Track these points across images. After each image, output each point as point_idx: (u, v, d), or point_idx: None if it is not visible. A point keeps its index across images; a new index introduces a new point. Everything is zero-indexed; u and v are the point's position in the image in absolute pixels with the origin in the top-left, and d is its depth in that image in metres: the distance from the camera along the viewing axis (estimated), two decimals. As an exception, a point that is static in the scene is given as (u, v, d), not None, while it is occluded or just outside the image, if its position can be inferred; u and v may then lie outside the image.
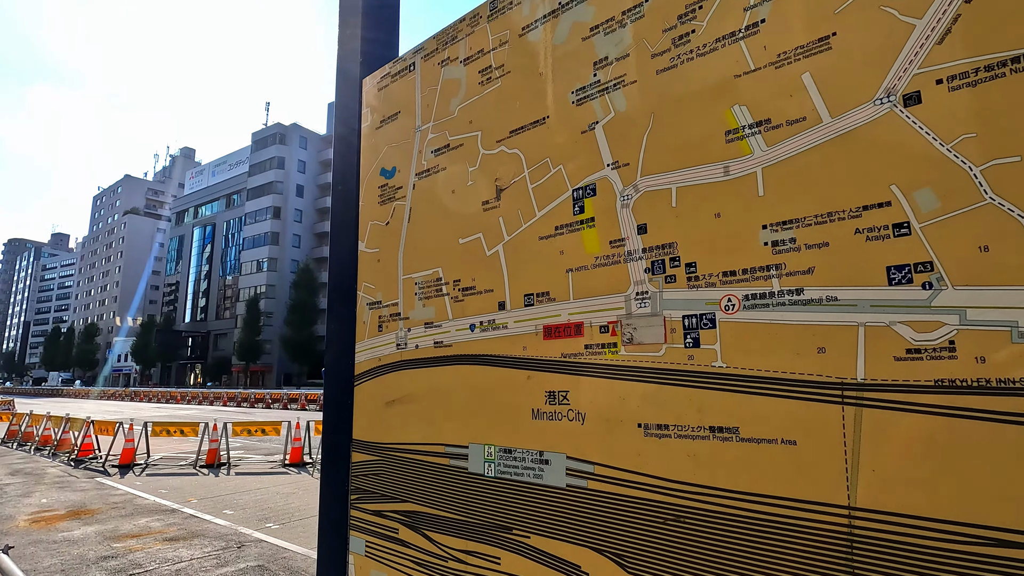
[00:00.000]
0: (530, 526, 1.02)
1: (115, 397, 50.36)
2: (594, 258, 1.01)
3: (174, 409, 34.67)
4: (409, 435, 1.27)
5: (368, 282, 1.46)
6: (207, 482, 10.51)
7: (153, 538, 7.05)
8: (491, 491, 1.09)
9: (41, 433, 14.84)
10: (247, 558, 6.32)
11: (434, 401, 1.23)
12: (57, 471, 11.63)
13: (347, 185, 1.57)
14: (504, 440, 1.08)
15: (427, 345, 1.27)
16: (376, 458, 1.33)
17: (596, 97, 1.05)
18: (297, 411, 28.86)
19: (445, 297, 1.26)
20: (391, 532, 1.26)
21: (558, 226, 1.07)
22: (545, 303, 1.06)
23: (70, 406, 34.70)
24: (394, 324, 1.36)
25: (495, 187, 1.20)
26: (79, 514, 8.28)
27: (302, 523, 7.77)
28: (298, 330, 60.24)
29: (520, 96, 1.19)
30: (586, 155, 1.05)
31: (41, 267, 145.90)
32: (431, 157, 1.36)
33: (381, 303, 1.41)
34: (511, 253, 1.14)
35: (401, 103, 1.47)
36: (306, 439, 12.56)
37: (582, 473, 0.96)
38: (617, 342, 0.95)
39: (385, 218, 1.45)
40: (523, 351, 1.08)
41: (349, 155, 1.59)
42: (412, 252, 1.36)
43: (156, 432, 12.81)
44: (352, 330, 1.47)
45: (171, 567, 6.00)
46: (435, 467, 1.20)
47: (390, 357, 1.35)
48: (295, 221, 76.10)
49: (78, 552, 6.50)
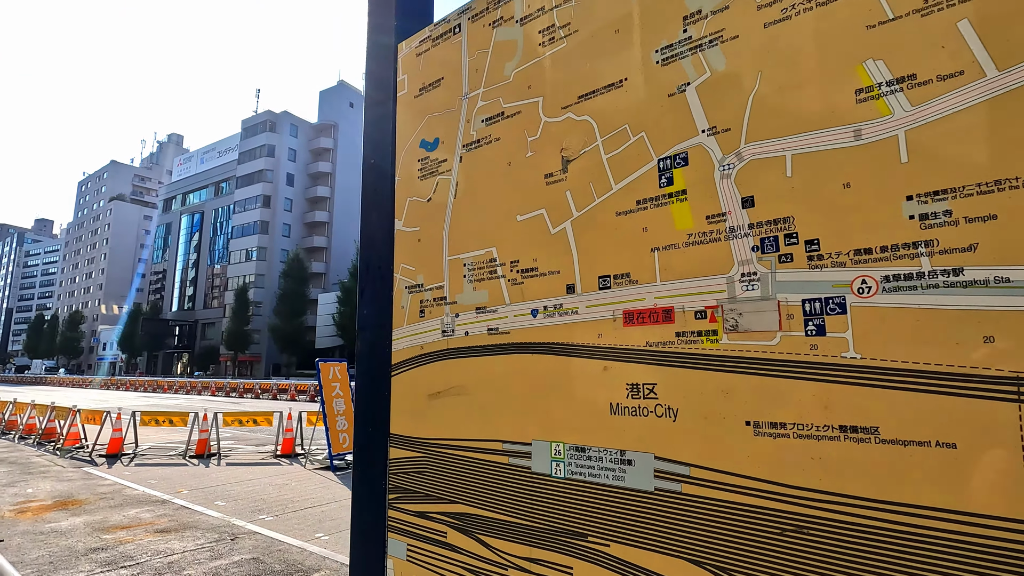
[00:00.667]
0: (609, 533, 0.91)
1: (100, 386, 49.66)
2: (686, 235, 0.90)
3: (160, 398, 34.24)
4: (458, 430, 1.16)
5: (407, 263, 1.34)
6: (197, 472, 10.34)
7: (144, 529, 6.90)
8: (560, 493, 0.98)
9: (25, 422, 14.52)
10: (241, 550, 6.20)
11: (488, 393, 1.12)
12: (43, 460, 11.38)
13: (381, 159, 1.45)
14: (576, 437, 0.98)
15: (479, 332, 1.16)
16: (419, 454, 1.22)
17: (687, 56, 0.94)
18: (287, 401, 28.62)
19: (501, 280, 1.14)
20: (437, 535, 1.15)
21: (640, 200, 0.96)
22: (625, 286, 0.95)
23: (54, 394, 34.15)
24: (439, 309, 1.25)
25: (561, 158, 1.08)
26: (66, 505, 8.09)
27: (296, 515, 7.65)
28: (287, 320, 59.71)
29: (590, 57, 1.07)
30: (674, 121, 0.94)
31: (24, 253, 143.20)
32: (481, 127, 1.24)
33: (423, 286, 1.29)
34: (581, 231, 1.03)
35: (445, 69, 1.34)
36: (298, 430, 12.41)
37: (675, 476, 0.86)
38: (717, 329, 0.84)
39: (426, 194, 1.33)
40: (598, 339, 0.97)
41: (383, 127, 1.46)
42: (460, 231, 1.24)
43: (145, 422, 12.59)
44: (388, 316, 1.35)
45: (163, 559, 5.86)
46: (490, 465, 1.09)
47: (434, 345, 1.24)
48: (285, 210, 75.23)
49: (66, 544, 6.33)
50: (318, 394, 31.98)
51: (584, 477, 0.96)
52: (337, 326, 54.12)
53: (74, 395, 35.74)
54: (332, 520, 7.35)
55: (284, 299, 60.59)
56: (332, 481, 9.74)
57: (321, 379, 11.02)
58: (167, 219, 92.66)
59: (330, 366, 11.40)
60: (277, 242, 73.63)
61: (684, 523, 0.84)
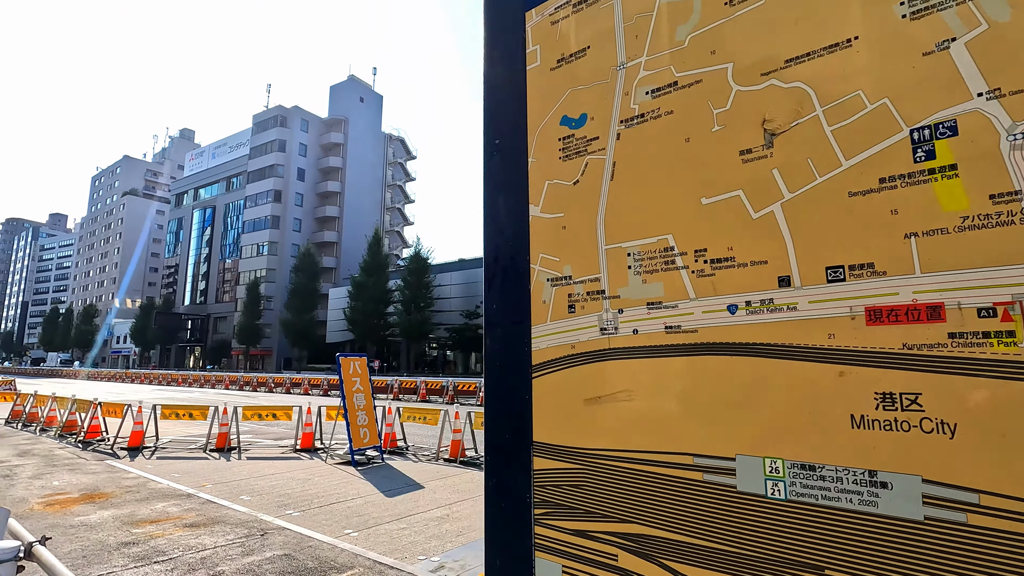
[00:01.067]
0: (856, 566, 0.78)
1: (115, 379, 50.21)
2: (959, 218, 0.76)
3: (175, 391, 34.49)
4: (627, 440, 1.03)
5: (548, 253, 1.21)
6: (219, 466, 10.33)
7: (172, 524, 6.87)
8: (781, 518, 0.85)
9: (46, 414, 14.62)
10: (272, 546, 6.14)
11: (667, 399, 0.99)
12: (66, 453, 11.43)
13: (510, 139, 1.31)
14: (800, 453, 0.84)
15: (652, 330, 1.03)
16: (574, 466, 1.09)
17: (949, 7, 0.80)
18: (300, 396, 28.71)
19: (681, 271, 1.01)
20: (604, 558, 1.02)
21: (885, 178, 0.82)
22: (867, 278, 0.82)
23: (71, 387, 34.54)
24: (595, 304, 1.12)
25: (763, 131, 0.94)
26: (93, 498, 8.09)
27: (323, 511, 7.60)
28: (298, 314, 59.95)
29: (801, 14, 0.93)
30: (934, 84, 0.80)
31: (39, 247, 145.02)
32: (646, 99, 1.10)
33: (571, 279, 1.16)
34: (797, 214, 0.89)
35: (592, 37, 1.21)
36: (317, 424, 12.39)
37: (954, 503, 0.72)
38: (1016, 329, 0.70)
39: (572, 176, 1.19)
40: (829, 340, 0.83)
41: (513, 103, 1.33)
42: (619, 216, 1.11)
43: (166, 415, 12.62)
44: (524, 311, 1.22)
45: (195, 555, 5.81)
46: (675, 481, 0.96)
47: (591, 344, 1.11)
48: (296, 205, 75.48)
49: (97, 538, 6.31)
50: (331, 388, 32.17)
51: (816, 500, 0.82)
52: (348, 320, 54.25)
53: (90, 387, 36.12)
54: (359, 516, 7.28)
55: (295, 294, 60.83)
56: (355, 476, 9.70)
57: (341, 374, 10.96)
58: (179, 214, 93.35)
59: (350, 361, 11.34)
60: (288, 237, 73.93)
61: (974, 560, 0.70)
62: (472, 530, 6.77)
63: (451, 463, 10.63)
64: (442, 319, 51.42)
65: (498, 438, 1.22)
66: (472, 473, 9.77)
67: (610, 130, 1.14)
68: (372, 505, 7.89)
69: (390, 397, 26.75)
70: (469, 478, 9.45)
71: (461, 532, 6.76)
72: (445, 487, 8.93)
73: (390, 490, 8.77)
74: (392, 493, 8.57)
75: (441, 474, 9.82)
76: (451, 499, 8.18)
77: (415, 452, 11.88)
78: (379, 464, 10.61)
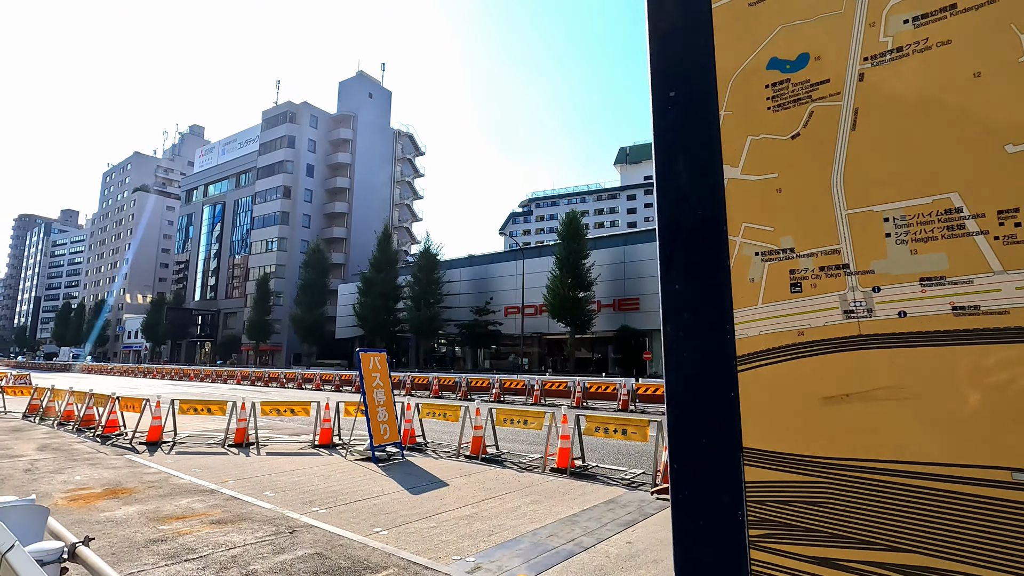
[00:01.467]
0: None
1: (128, 373, 50.55)
2: None
3: (188, 386, 34.57)
4: (902, 449, 0.83)
5: (756, 223, 1.00)
6: (239, 462, 10.21)
7: (199, 520, 6.73)
8: None
9: (63, 408, 14.59)
10: (302, 544, 5.98)
11: (967, 399, 0.78)
12: (85, 447, 11.37)
13: (691, 89, 1.11)
14: None
15: (931, 312, 0.82)
16: (810, 479, 0.89)
17: None
18: (312, 391, 28.66)
19: (976, 237, 0.80)
20: (868, 595, 0.82)
21: None
22: None
23: (86, 381, 34.71)
24: (833, 281, 0.91)
25: (1108, 58, 0.74)
26: (116, 493, 7.98)
27: (349, 508, 7.45)
28: (308, 310, 60.08)
29: None
30: None
31: (51, 243, 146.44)
32: (905, 30, 0.89)
33: (792, 251, 0.96)
34: None
35: (812, -41, 1.00)
36: (335, 420, 12.26)
37: None
38: None
39: (788, 129, 0.99)
40: None
41: (693, 47, 1.12)
42: (866, 173, 0.90)
43: (184, 410, 12.54)
44: (723, 292, 1.02)
45: (226, 553, 5.66)
46: (983, 503, 0.76)
47: (830, 330, 0.90)
48: (305, 201, 75.63)
49: (124, 534, 6.18)
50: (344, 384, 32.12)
51: None
52: (357, 316, 54.27)
53: (103, 382, 36.31)
54: (386, 514, 7.12)
55: (305, 289, 60.97)
56: (376, 473, 9.55)
57: (362, 369, 10.80)
58: (189, 210, 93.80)
59: (370, 356, 11.17)
60: (297, 232, 74.11)
61: None
62: (503, 529, 6.58)
63: (472, 460, 10.46)
64: (451, 315, 51.30)
65: (694, 443, 1.02)
66: (496, 470, 9.60)
67: (847, 70, 0.94)
68: (398, 503, 7.73)
69: (403, 393, 26.64)
70: (493, 475, 9.28)
71: (493, 531, 6.59)
72: (470, 484, 8.76)
73: (415, 487, 8.61)
74: (417, 490, 8.41)
75: (464, 471, 9.65)
76: (478, 496, 8.01)
77: (434, 448, 11.73)
78: (400, 460, 10.46)
